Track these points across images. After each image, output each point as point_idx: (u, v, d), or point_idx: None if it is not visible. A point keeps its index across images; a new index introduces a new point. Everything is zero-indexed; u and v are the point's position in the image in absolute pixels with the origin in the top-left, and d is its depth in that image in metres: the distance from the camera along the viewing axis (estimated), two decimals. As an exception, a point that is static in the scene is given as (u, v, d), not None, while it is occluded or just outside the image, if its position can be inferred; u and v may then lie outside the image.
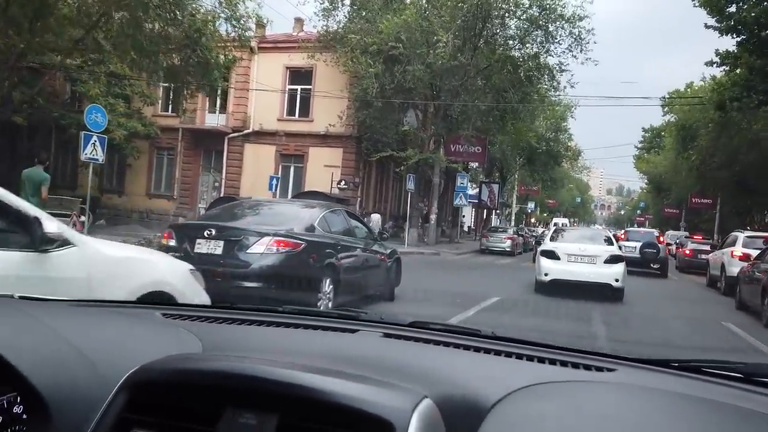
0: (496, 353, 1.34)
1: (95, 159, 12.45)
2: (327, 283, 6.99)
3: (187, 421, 0.98)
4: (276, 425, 0.92)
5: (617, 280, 10.55)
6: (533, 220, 69.07)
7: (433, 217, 25.41)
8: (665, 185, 47.65)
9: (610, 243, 11.74)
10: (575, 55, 22.42)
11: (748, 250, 12.91)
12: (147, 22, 13.01)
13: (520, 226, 42.45)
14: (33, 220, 2.66)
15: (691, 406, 1.10)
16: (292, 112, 25.82)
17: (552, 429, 0.96)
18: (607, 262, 10.72)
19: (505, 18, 22.12)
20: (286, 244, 6.64)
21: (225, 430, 0.93)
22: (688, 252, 21.95)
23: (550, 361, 1.30)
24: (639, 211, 76.90)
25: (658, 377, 1.26)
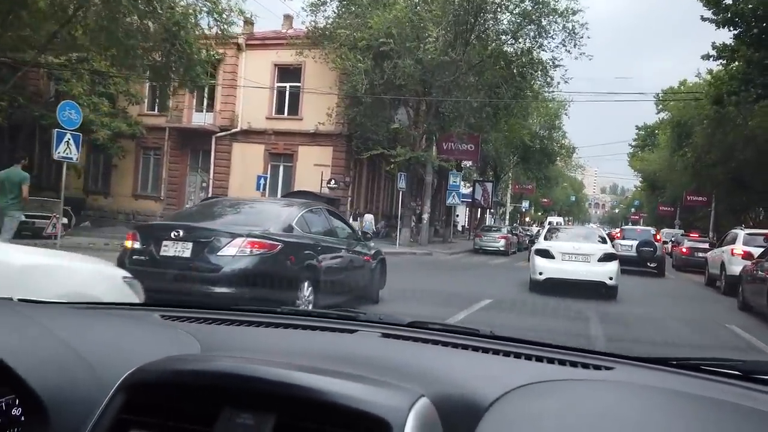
0: (494, 352, 1.35)
1: (69, 158, 11.87)
2: (306, 286, 6.56)
3: (184, 422, 0.98)
4: (273, 425, 0.93)
5: (611, 278, 10.60)
6: (528, 219, 68.75)
7: (426, 216, 24.95)
8: (660, 183, 47.41)
9: (603, 241, 11.78)
10: (569, 50, 22.07)
11: (748, 248, 12.48)
12: (123, 15, 12.44)
13: (514, 225, 42.12)
14: None
15: (689, 404, 1.10)
16: (280, 110, 25.32)
17: (550, 428, 0.96)
18: (601, 260, 10.78)
19: (497, 12, 21.69)
20: (260, 245, 6.20)
21: (222, 430, 0.94)
22: (685, 250, 21.57)
23: (548, 360, 1.30)
24: (633, 209, 76.85)
25: (656, 375, 1.26)
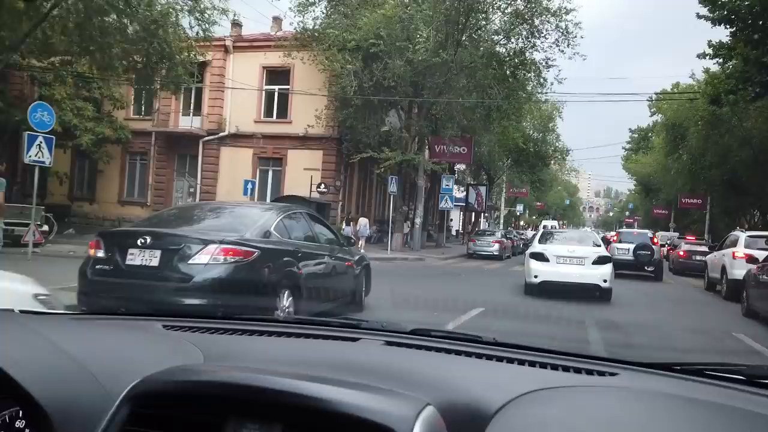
0: (498, 359, 1.35)
1: (41, 161, 11.37)
2: (285, 296, 6.14)
3: None
4: None
5: (605, 281, 10.67)
6: (522, 223, 68.39)
7: (418, 220, 24.47)
8: (654, 186, 47.18)
9: (597, 244, 11.87)
10: (562, 50, 21.66)
11: (751, 251, 12.01)
12: (98, 12, 11.89)
13: (508, 229, 41.61)
14: None
15: (694, 410, 1.10)
16: (269, 113, 24.86)
17: None
18: (595, 263, 10.85)
19: (489, 12, 21.27)
20: (235, 252, 5.76)
21: None
22: (682, 253, 21.12)
23: (552, 367, 1.31)
24: (628, 212, 76.69)
25: (660, 381, 1.27)
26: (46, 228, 18.03)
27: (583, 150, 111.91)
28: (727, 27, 16.55)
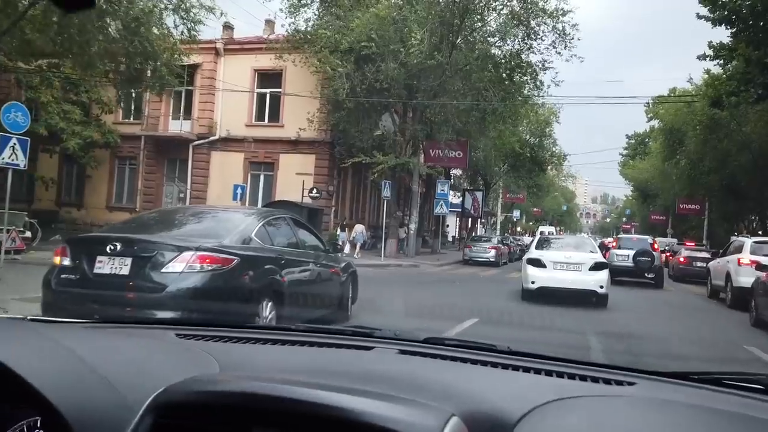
0: (514, 368, 1.35)
1: (15, 164, 10.82)
2: (267, 305, 5.78)
3: None
4: None
5: (602, 287, 10.75)
6: (519, 229, 67.97)
7: (413, 226, 23.97)
8: (651, 191, 46.88)
9: (594, 251, 11.94)
10: (559, 52, 21.21)
11: (757, 257, 11.52)
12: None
13: (505, 235, 41.17)
14: None
15: (713, 419, 1.10)
16: (261, 117, 24.37)
17: None
18: (592, 269, 10.94)
19: (484, 13, 20.85)
20: (212, 260, 5.37)
21: None
22: (682, 260, 20.64)
23: (569, 376, 1.31)
24: (625, 218, 76.42)
25: (678, 390, 1.27)
26: (29, 234, 17.50)
27: (580, 155, 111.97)
28: (728, 27, 16.16)
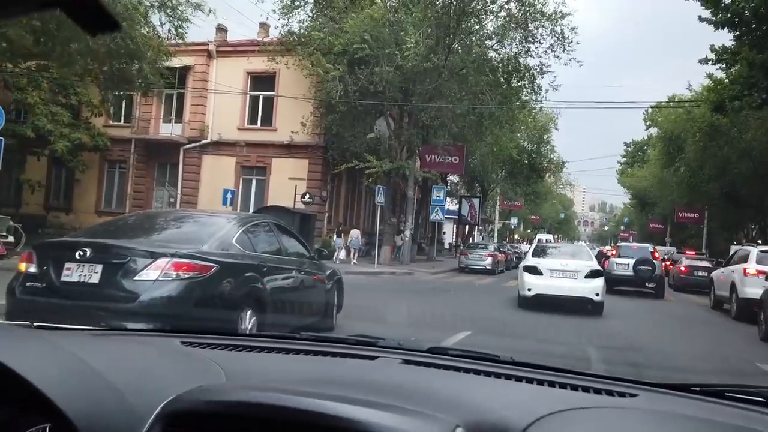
0: (517, 379, 1.37)
1: (-13, 164, 10.30)
2: (248, 315, 5.49)
3: None
4: None
5: (597, 295, 10.86)
6: (517, 237, 67.52)
7: (408, 233, 23.47)
8: (650, 200, 46.49)
9: (590, 258, 12.08)
10: (558, 55, 20.81)
11: (764, 267, 11.02)
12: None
13: (502, 242, 40.68)
14: None
15: None
16: (253, 120, 23.93)
17: None
18: (588, 276, 11.08)
19: (481, 16, 20.45)
20: (189, 267, 5.07)
21: None
22: (683, 269, 20.16)
23: (572, 387, 1.32)
24: (623, 227, 76.08)
25: (680, 402, 1.29)
26: (12, 239, 16.97)
27: (578, 162, 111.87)
28: (730, 30, 15.77)
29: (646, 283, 16.39)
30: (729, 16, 15.36)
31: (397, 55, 18.67)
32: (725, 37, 16.32)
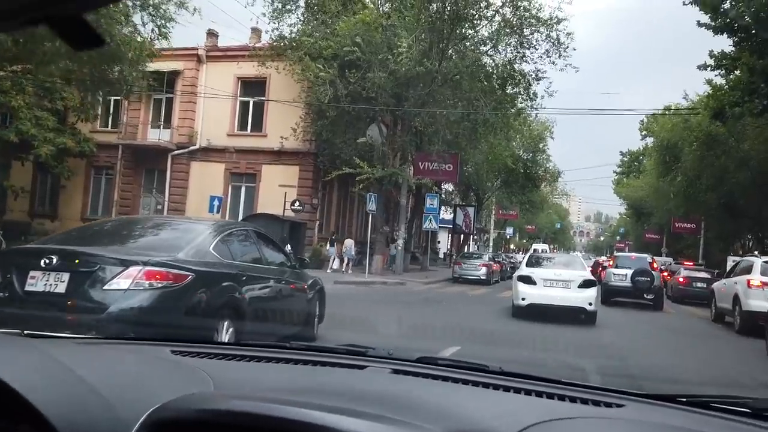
0: (505, 389, 1.37)
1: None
2: (225, 327, 5.28)
3: None
4: None
5: (590, 304, 10.98)
6: (512, 246, 67.11)
7: (401, 242, 22.95)
8: (646, 210, 46.16)
9: (583, 268, 12.28)
10: (553, 61, 20.43)
11: (768, 279, 10.57)
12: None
13: (497, 252, 40.21)
14: None
15: None
16: (243, 126, 23.48)
17: None
18: (581, 286, 11.17)
19: (476, 20, 20.08)
20: (162, 276, 4.85)
21: None
22: (682, 280, 19.69)
23: (559, 397, 1.33)
24: (619, 237, 75.83)
25: (666, 413, 1.28)
26: (-10, 245, 16.48)
27: (574, 171, 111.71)
28: (730, 36, 15.42)
29: (645, 295, 15.90)
30: (728, 21, 15.04)
31: (389, 59, 18.28)
32: (724, 43, 16.02)
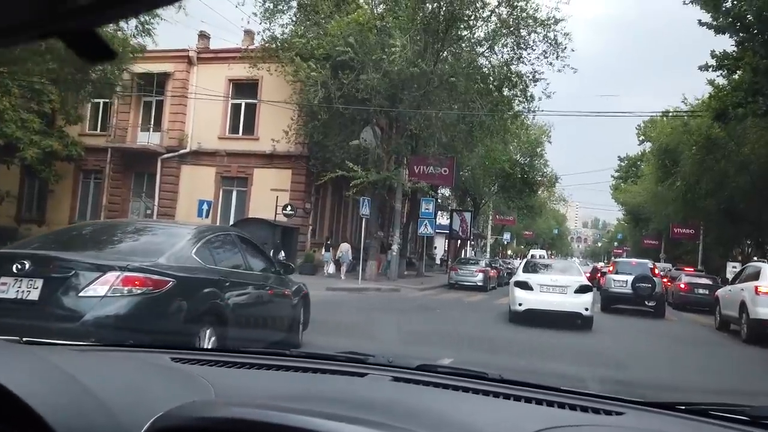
0: (505, 397, 1.37)
1: None
2: (207, 335, 5.12)
3: None
4: None
5: (587, 309, 11.12)
6: (510, 252, 66.66)
7: (395, 247, 22.46)
8: (644, 215, 45.78)
9: (579, 274, 12.39)
10: (551, 62, 20.05)
11: (779, 285, 10.10)
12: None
13: (494, 258, 39.71)
14: None
15: None
16: (235, 129, 23.05)
17: None
18: (577, 291, 11.29)
19: (472, 21, 19.68)
20: (142, 282, 4.69)
21: None
22: (683, 286, 19.23)
23: (559, 405, 1.33)
24: (616, 243, 75.47)
25: (665, 420, 1.29)
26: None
27: (572, 176, 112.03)
28: (731, 36, 15.04)
29: (646, 302, 15.45)
30: (730, 20, 14.65)
31: (383, 60, 17.86)
32: (725, 45, 15.63)
